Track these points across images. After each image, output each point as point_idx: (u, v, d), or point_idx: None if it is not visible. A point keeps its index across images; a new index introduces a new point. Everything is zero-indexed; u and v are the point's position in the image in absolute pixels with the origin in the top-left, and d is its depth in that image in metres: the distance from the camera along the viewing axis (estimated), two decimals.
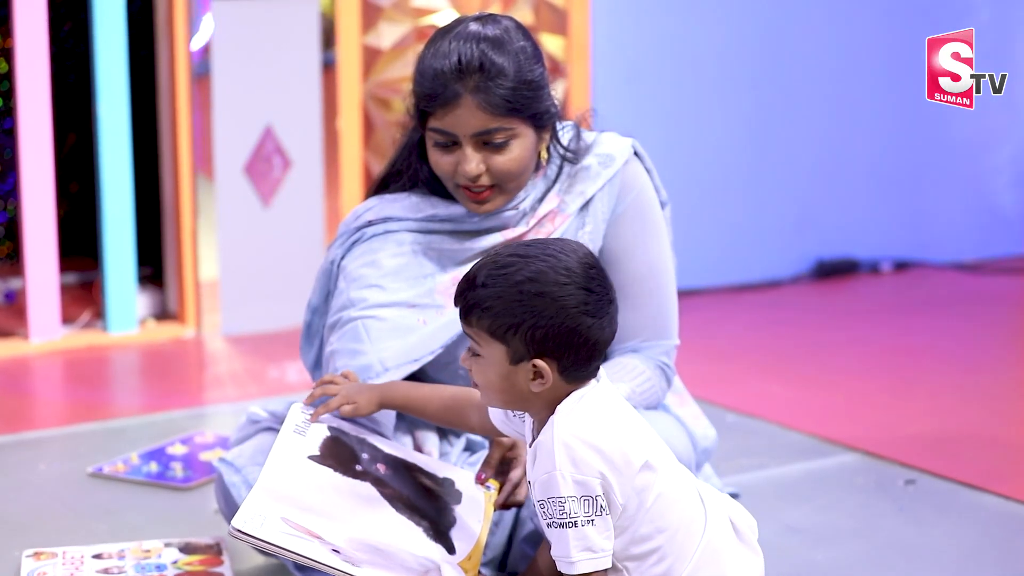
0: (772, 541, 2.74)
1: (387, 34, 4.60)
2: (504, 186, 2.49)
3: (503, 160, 2.45)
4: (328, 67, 4.52)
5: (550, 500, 2.05)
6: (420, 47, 2.52)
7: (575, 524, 2.04)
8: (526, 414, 2.19)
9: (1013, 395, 3.90)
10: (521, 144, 2.46)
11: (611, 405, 2.12)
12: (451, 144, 2.46)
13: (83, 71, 4.71)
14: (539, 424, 2.13)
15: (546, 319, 2.06)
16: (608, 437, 2.06)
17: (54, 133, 4.34)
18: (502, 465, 2.43)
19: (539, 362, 2.07)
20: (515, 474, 2.42)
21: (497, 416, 2.26)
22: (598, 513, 2.05)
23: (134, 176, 4.47)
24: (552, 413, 2.10)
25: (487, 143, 2.44)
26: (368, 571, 2.15)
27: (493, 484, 2.41)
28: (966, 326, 4.54)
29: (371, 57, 4.61)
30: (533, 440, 2.13)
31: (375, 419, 2.47)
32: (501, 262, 2.10)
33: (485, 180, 2.47)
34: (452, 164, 2.47)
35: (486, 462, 2.43)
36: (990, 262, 5.28)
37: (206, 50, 4.39)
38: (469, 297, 2.11)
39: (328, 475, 2.30)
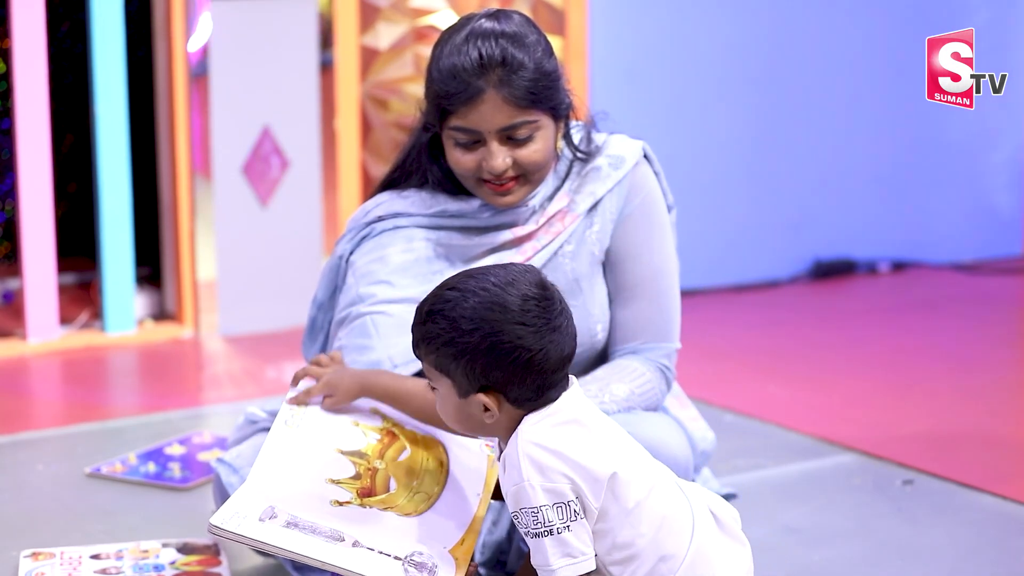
0: (769, 541, 2.75)
1: (385, 34, 4.59)
2: (529, 177, 2.49)
3: (528, 152, 2.46)
4: (326, 67, 4.51)
5: (523, 511, 2.03)
6: (418, 48, 2.52)
7: (551, 532, 2.02)
8: None
9: (1010, 395, 3.90)
10: (544, 136, 2.47)
11: (576, 415, 2.08)
12: (474, 142, 2.46)
13: (81, 71, 4.71)
14: (505, 441, 2.10)
15: (480, 354, 2.03)
16: (572, 444, 2.04)
17: (52, 133, 4.33)
18: None
19: (481, 396, 2.05)
20: None
21: None
22: (573, 519, 2.02)
23: (132, 176, 4.47)
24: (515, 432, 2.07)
25: (511, 137, 2.45)
26: (350, 562, 2.14)
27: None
28: (963, 326, 4.54)
29: (369, 57, 4.61)
30: (501, 452, 2.11)
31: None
32: (443, 296, 2.06)
33: (510, 173, 2.47)
34: (475, 161, 2.47)
35: None
36: (988, 263, 5.28)
37: (204, 50, 4.39)
38: (417, 332, 2.08)
39: (317, 466, 2.28)
